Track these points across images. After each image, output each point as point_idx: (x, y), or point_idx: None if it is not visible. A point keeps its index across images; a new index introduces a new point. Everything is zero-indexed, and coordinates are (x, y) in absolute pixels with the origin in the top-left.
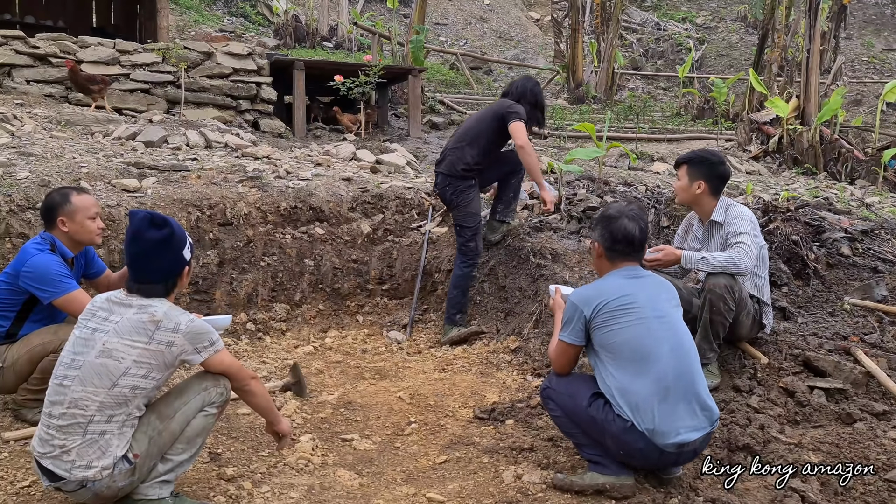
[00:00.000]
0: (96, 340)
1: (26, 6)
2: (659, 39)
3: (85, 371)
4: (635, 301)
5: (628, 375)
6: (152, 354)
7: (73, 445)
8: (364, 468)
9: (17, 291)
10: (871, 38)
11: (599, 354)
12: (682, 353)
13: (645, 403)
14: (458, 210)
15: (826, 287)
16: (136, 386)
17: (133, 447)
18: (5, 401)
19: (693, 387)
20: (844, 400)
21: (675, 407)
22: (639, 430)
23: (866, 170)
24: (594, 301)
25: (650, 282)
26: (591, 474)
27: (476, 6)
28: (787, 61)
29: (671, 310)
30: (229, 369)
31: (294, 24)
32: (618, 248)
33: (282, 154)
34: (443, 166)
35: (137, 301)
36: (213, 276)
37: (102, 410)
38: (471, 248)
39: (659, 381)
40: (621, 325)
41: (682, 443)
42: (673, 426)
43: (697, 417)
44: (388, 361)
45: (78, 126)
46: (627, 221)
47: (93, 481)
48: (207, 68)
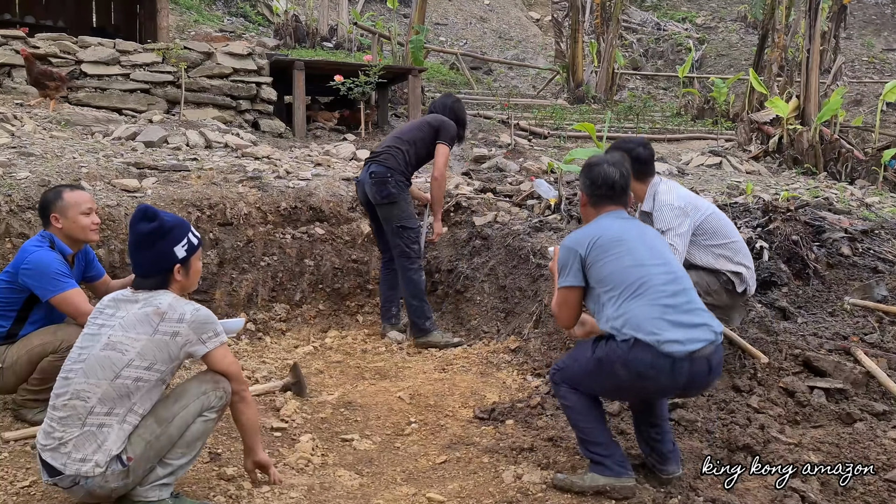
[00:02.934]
0: (102, 335)
1: (26, 6)
2: (659, 39)
3: (89, 363)
4: (625, 235)
5: (627, 302)
6: (156, 345)
7: (70, 437)
8: (364, 468)
9: (17, 290)
10: (871, 38)
11: (596, 291)
12: (675, 278)
13: (647, 322)
14: (399, 209)
15: (826, 287)
16: (138, 378)
17: (128, 450)
18: (5, 401)
19: (690, 304)
20: (844, 400)
21: (678, 319)
22: (644, 342)
23: (866, 170)
24: (586, 240)
25: (638, 222)
26: (592, 475)
27: (476, 6)
28: (787, 61)
29: (659, 242)
30: (230, 367)
31: (294, 24)
32: (600, 193)
33: (282, 154)
34: (382, 158)
35: (143, 296)
36: (213, 276)
37: (103, 402)
38: (415, 251)
39: (656, 300)
40: (615, 256)
41: (692, 350)
42: (677, 335)
43: (700, 329)
44: (388, 361)
45: (78, 126)
46: (608, 167)
47: (86, 477)
48: (207, 68)
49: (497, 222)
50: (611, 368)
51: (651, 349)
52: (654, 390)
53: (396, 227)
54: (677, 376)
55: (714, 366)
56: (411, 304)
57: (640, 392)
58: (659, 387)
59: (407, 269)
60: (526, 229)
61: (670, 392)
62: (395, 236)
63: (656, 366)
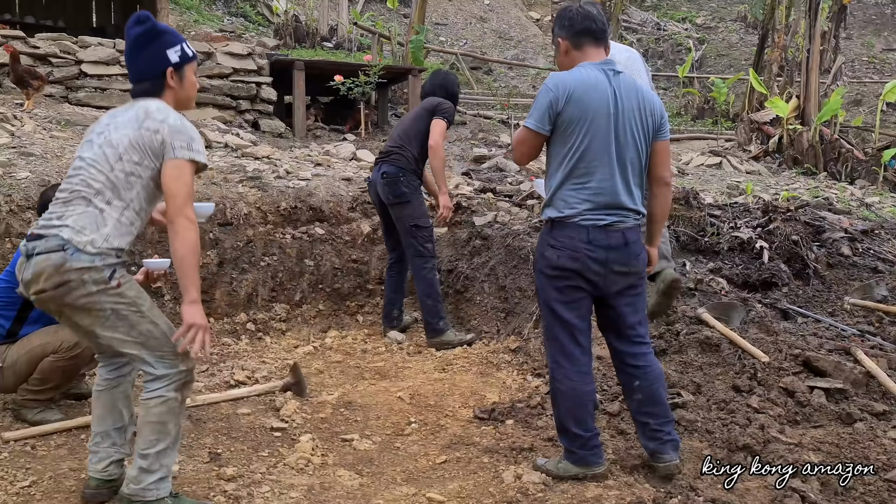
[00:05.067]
0: (99, 138)
1: (26, 6)
2: (659, 39)
3: (87, 161)
4: (600, 109)
5: (567, 183)
6: (142, 139)
7: (72, 213)
8: (364, 468)
9: (16, 290)
10: (871, 38)
11: (550, 150)
12: (622, 174)
13: (576, 208)
14: (412, 208)
15: (826, 287)
16: (131, 172)
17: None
18: (5, 401)
19: (618, 198)
20: (844, 400)
21: (598, 201)
22: (570, 222)
23: (866, 170)
24: (569, 86)
25: (628, 83)
26: (565, 464)
27: (476, 6)
28: (787, 61)
29: (637, 128)
30: (174, 183)
31: (294, 24)
32: (583, 28)
33: (282, 154)
34: (393, 158)
35: (136, 102)
36: (213, 276)
37: (104, 192)
38: (429, 249)
39: (593, 196)
40: (576, 134)
41: (610, 223)
42: (593, 213)
43: (622, 214)
44: (388, 361)
45: (78, 126)
46: (584, 5)
47: (71, 247)
48: (207, 68)
49: (497, 222)
50: (545, 262)
51: (578, 227)
52: (593, 272)
53: (410, 226)
54: (597, 250)
55: (630, 241)
56: (426, 304)
57: (579, 275)
58: (591, 265)
59: (421, 269)
60: (526, 229)
61: (601, 274)
62: (409, 236)
63: (592, 243)
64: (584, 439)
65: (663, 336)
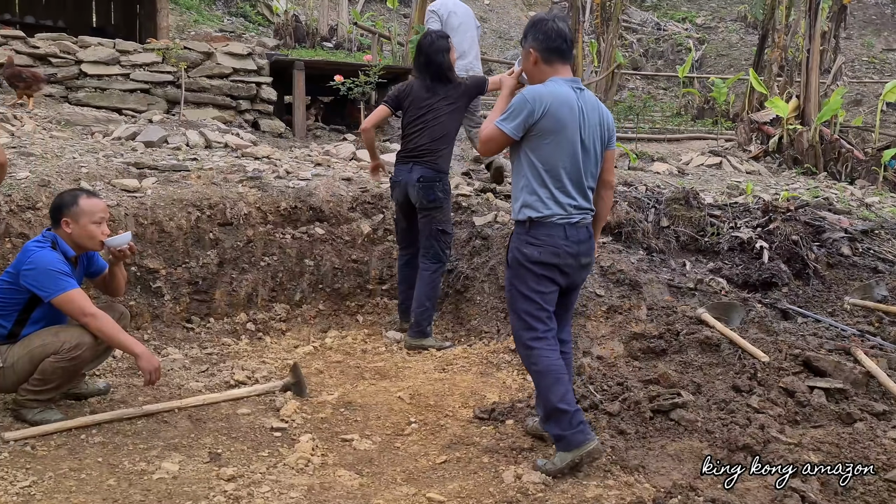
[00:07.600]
0: None
1: (26, 6)
2: (659, 39)
3: None
4: (570, 123)
5: (542, 186)
6: None
7: None
8: (364, 468)
9: (18, 291)
10: (871, 38)
11: (522, 156)
12: (585, 178)
13: (552, 209)
14: (443, 213)
15: (826, 287)
16: None
17: None
18: (5, 401)
19: (582, 199)
20: (844, 400)
21: (567, 201)
22: (548, 221)
23: (866, 170)
24: (546, 101)
25: (590, 100)
26: (560, 454)
27: (476, 6)
28: (787, 61)
29: (597, 139)
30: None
31: (294, 24)
32: (554, 46)
33: (282, 154)
34: (428, 160)
35: None
36: (213, 276)
37: None
38: (447, 255)
39: (565, 198)
40: (550, 144)
41: (577, 221)
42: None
43: (585, 212)
44: (388, 361)
45: (78, 126)
46: (558, 21)
47: None
48: (207, 68)
49: (497, 222)
50: (524, 257)
51: (552, 225)
52: (566, 255)
53: (437, 229)
54: (572, 244)
55: (591, 235)
56: (423, 305)
57: (556, 269)
58: (564, 260)
59: (433, 271)
60: None
61: (574, 267)
62: (433, 238)
63: (553, 234)
64: (570, 415)
65: (663, 336)
